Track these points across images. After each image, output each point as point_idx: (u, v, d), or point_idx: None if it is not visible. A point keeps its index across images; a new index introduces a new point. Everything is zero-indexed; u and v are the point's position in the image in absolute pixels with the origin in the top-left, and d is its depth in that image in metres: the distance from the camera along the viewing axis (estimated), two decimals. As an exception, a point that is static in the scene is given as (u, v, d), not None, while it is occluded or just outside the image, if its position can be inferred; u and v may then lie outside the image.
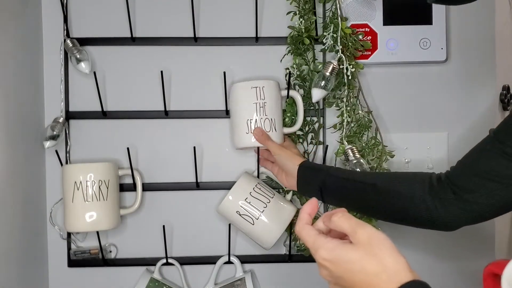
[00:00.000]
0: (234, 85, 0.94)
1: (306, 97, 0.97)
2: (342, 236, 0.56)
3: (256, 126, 0.90)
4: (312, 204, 0.59)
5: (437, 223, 0.76)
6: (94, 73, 0.95)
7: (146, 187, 0.99)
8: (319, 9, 0.99)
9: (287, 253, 1.00)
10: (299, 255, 1.00)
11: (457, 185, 0.74)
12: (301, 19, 0.96)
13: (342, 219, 0.54)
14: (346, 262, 0.52)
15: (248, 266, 1.02)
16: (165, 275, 1.01)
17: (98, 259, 0.99)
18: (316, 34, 0.97)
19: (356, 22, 0.99)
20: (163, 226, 0.97)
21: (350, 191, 0.83)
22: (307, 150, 1.00)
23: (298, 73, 0.97)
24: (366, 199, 0.81)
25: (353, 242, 0.52)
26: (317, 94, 0.93)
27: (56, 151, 0.94)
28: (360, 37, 0.98)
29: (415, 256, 1.02)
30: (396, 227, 0.85)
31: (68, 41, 0.95)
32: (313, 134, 1.00)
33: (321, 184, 0.85)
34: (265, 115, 0.91)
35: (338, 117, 0.98)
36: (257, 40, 1.00)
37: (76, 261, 0.99)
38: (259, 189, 0.92)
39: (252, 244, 1.01)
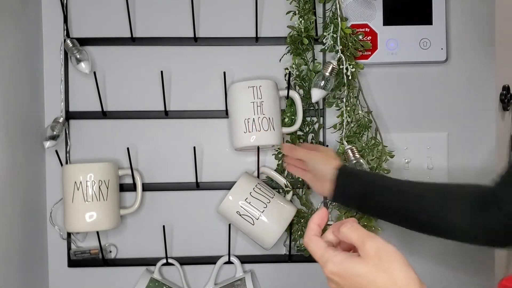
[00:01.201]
0: (231, 85, 0.94)
1: (306, 97, 0.97)
2: (352, 248, 0.54)
3: (254, 125, 0.90)
4: (322, 214, 0.56)
5: (483, 240, 0.73)
6: (94, 73, 0.95)
7: (146, 187, 0.99)
8: (319, 9, 0.99)
9: (287, 253, 1.00)
10: (299, 255, 1.00)
11: (503, 199, 0.69)
12: (300, 19, 0.95)
13: (350, 230, 0.52)
14: (355, 276, 0.50)
15: (248, 266, 1.02)
16: (165, 275, 1.01)
17: (98, 259, 0.99)
18: (316, 34, 0.97)
19: (356, 22, 0.99)
20: (163, 226, 0.97)
21: (397, 204, 0.78)
22: (307, 150, 1.00)
23: (297, 73, 0.97)
24: (411, 212, 0.77)
25: (361, 255, 0.50)
26: (316, 94, 0.93)
27: (56, 151, 0.94)
28: (360, 37, 0.98)
29: (415, 261, 1.02)
30: (394, 228, 0.85)
31: (68, 41, 0.95)
32: (313, 134, 1.00)
33: (363, 194, 0.80)
34: (263, 114, 0.91)
35: (338, 117, 0.98)
36: (257, 40, 1.00)
37: (76, 261, 0.99)
38: (259, 189, 0.92)
39: (252, 244, 1.01)
